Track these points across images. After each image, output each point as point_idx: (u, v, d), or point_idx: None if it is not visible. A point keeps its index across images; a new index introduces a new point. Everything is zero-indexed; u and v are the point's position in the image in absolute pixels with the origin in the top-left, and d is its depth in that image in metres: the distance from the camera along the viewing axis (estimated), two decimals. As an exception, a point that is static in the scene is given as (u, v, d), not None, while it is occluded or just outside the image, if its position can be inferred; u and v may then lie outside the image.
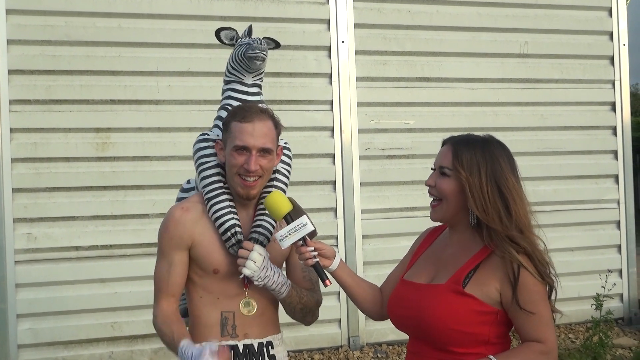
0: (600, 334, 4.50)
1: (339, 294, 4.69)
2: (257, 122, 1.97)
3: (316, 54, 4.80)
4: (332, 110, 4.79)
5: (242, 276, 1.94)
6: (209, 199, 2.01)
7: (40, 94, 4.31)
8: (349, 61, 4.82)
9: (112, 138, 4.41)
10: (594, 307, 4.58)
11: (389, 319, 1.97)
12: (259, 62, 2.12)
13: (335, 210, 4.78)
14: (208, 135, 2.13)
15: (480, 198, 1.75)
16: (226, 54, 5.00)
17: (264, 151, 1.98)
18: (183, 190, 2.29)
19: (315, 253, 1.95)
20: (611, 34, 5.43)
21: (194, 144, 2.13)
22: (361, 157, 4.85)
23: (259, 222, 2.05)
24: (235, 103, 2.12)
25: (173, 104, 4.50)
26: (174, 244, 1.98)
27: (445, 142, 1.89)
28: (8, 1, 4.24)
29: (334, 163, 4.79)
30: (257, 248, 1.96)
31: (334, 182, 4.79)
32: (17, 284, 4.23)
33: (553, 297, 1.77)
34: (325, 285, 1.94)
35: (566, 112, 5.32)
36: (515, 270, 1.70)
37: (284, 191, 2.16)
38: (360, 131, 4.85)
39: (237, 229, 1.99)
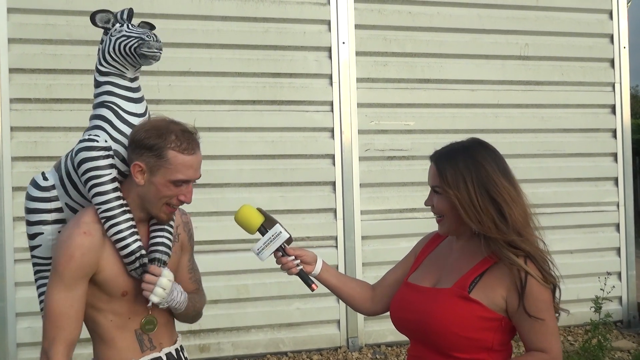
0: (599, 337, 4.50)
1: (338, 294, 4.69)
2: (197, 154, 1.86)
3: (317, 54, 4.80)
4: (332, 111, 4.80)
5: (150, 304, 1.85)
6: (108, 219, 1.83)
7: (41, 93, 4.31)
8: (349, 62, 4.82)
9: (112, 137, 4.41)
10: (593, 309, 4.58)
11: (389, 321, 1.97)
12: (154, 62, 1.96)
13: (334, 211, 4.78)
14: (96, 141, 1.87)
15: (473, 210, 1.73)
16: (227, 53, 5.01)
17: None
18: (41, 188, 1.95)
19: (298, 261, 1.95)
20: (612, 37, 5.43)
21: (79, 151, 1.87)
22: (361, 158, 4.85)
23: (158, 240, 1.93)
24: (118, 100, 1.92)
25: (174, 103, 4.50)
26: (82, 273, 1.79)
27: (430, 160, 1.87)
28: (9, 0, 4.25)
29: (334, 164, 4.79)
30: (166, 273, 1.85)
31: (334, 183, 4.79)
32: (17, 283, 4.23)
33: (557, 296, 1.76)
34: (312, 290, 1.95)
35: (566, 114, 5.32)
36: (523, 278, 1.69)
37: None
38: (360, 132, 4.85)
39: (143, 251, 1.86)
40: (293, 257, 1.94)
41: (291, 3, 4.74)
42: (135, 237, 1.86)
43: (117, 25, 1.95)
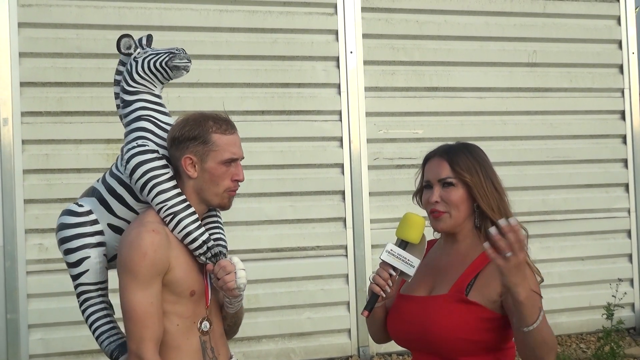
0: (612, 344, 4.47)
1: (347, 303, 4.69)
2: (236, 133, 1.97)
3: (325, 64, 4.82)
4: (341, 120, 4.81)
5: (242, 292, 1.88)
6: (174, 214, 1.87)
7: (52, 106, 4.35)
8: (357, 71, 4.84)
9: (122, 149, 4.44)
10: (605, 316, 4.55)
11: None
12: (185, 72, 2.07)
13: (344, 220, 4.78)
14: (146, 146, 1.96)
15: (485, 196, 1.81)
16: (236, 64, 5.02)
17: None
18: (78, 214, 2.02)
19: (388, 291, 1.84)
20: (620, 43, 5.42)
21: (133, 156, 1.94)
22: (370, 167, 4.86)
23: (218, 235, 2.01)
24: (153, 113, 2.05)
25: (183, 115, 4.52)
26: (157, 270, 1.82)
27: (430, 157, 1.92)
28: (20, 14, 4.30)
29: (343, 173, 4.80)
30: (236, 259, 1.92)
31: (343, 192, 4.80)
32: (29, 295, 4.25)
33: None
34: (362, 314, 1.88)
35: (575, 120, 5.31)
36: None
37: None
38: (368, 141, 4.86)
39: (213, 241, 1.92)
40: (391, 284, 1.85)
41: (299, 14, 4.76)
42: (203, 229, 1.91)
43: (139, 49, 2.07)
